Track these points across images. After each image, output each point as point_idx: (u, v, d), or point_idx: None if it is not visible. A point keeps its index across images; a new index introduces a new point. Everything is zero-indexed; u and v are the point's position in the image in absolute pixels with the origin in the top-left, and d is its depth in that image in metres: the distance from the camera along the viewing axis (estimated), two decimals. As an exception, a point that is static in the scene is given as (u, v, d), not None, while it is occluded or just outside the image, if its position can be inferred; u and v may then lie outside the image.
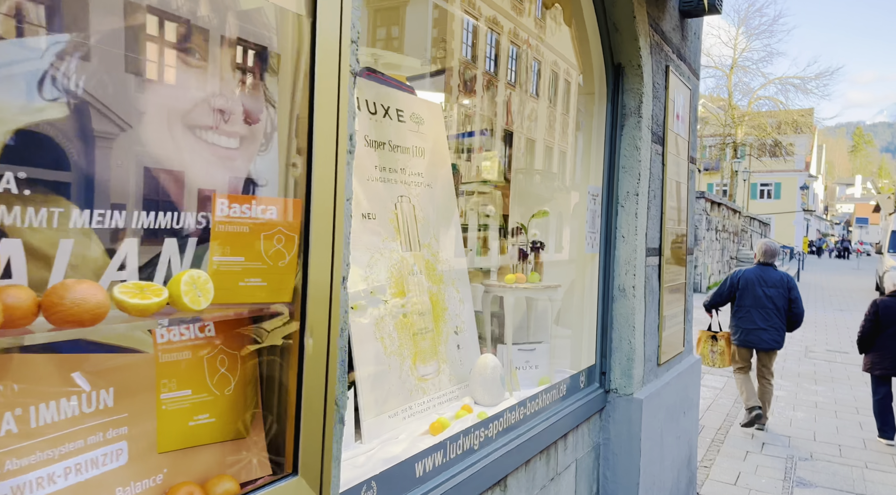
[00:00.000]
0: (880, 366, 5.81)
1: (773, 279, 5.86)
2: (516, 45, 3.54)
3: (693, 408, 4.15)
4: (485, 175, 3.66)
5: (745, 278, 5.91)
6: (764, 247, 6.01)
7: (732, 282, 5.98)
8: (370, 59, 3.64)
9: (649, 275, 3.39)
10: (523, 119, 3.45)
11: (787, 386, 7.61)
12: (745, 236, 29.70)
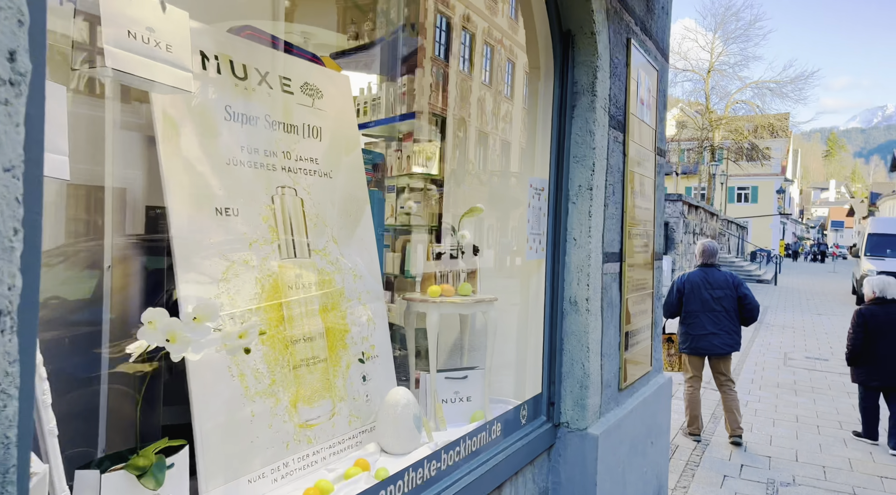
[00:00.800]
0: (877, 378, 5.48)
1: (718, 280, 5.46)
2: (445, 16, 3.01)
3: (663, 435, 3.64)
4: (418, 167, 3.12)
5: (690, 282, 5.50)
6: (703, 248, 5.61)
7: (678, 288, 5.57)
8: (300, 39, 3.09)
9: (607, 285, 2.87)
10: (462, 103, 2.92)
11: (767, 398, 7.17)
12: (723, 239, 29.57)
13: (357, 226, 2.26)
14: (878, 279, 5.71)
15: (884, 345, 5.43)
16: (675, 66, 36.59)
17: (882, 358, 5.44)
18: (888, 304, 5.54)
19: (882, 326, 5.44)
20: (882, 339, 5.44)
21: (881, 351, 5.44)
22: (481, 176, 2.84)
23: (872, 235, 18.53)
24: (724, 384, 5.57)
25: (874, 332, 5.46)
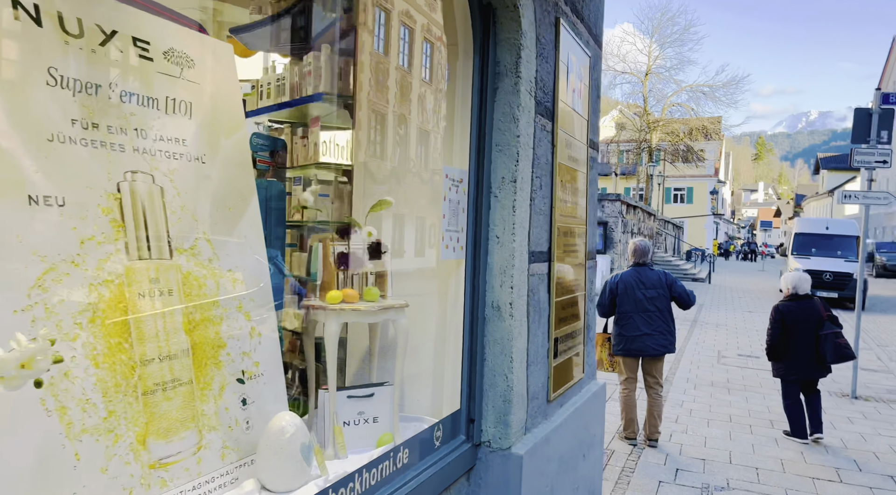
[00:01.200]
0: (795, 372, 5.57)
1: (651, 280, 5.36)
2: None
3: (596, 446, 3.43)
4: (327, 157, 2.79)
5: (624, 282, 5.38)
6: (635, 247, 5.51)
7: (611, 288, 5.44)
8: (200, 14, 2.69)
9: (534, 287, 2.61)
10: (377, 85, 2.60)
11: (702, 398, 7.16)
12: (660, 239, 30.28)
13: (240, 221, 1.92)
14: (792, 276, 5.79)
15: (799, 339, 5.51)
16: (615, 69, 37.32)
17: (798, 352, 5.52)
18: (802, 300, 5.63)
19: (798, 321, 5.52)
20: (798, 334, 5.52)
21: (797, 345, 5.52)
22: (396, 166, 2.53)
23: (798, 235, 19.25)
24: (653, 386, 5.46)
25: (791, 327, 5.53)
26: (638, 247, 5.54)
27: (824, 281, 17.16)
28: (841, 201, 7.65)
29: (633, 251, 5.54)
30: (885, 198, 7.40)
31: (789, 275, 5.82)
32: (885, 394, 7.66)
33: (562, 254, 2.94)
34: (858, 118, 7.38)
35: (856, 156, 7.40)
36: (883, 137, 7.29)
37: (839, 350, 5.42)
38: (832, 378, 8.46)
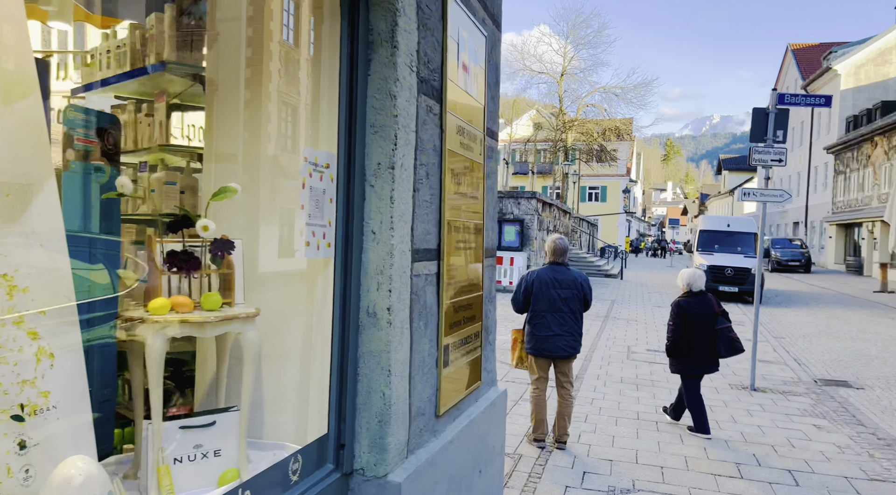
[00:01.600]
0: (695, 367, 5.69)
1: (567, 280, 5.24)
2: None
3: (495, 459, 3.18)
4: (176, 138, 2.37)
5: (540, 280, 5.22)
6: (554, 246, 5.34)
7: (527, 285, 5.26)
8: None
9: (420, 289, 2.31)
10: (230, 53, 2.21)
11: (611, 395, 7.15)
12: (575, 236, 31.00)
13: (24, 213, 1.50)
14: (688, 273, 5.90)
15: (698, 334, 5.64)
16: (531, 69, 37.91)
17: (697, 347, 5.66)
18: (698, 296, 5.78)
19: (696, 317, 5.66)
20: (696, 329, 5.66)
21: (696, 340, 5.66)
22: (257, 149, 2.16)
23: (703, 232, 20.11)
24: (564, 386, 5.33)
25: (691, 323, 5.66)
26: (557, 246, 5.37)
27: (726, 276, 18.01)
28: (741, 199, 7.86)
29: (552, 249, 5.36)
30: (781, 195, 7.65)
31: (686, 271, 5.94)
32: (781, 385, 7.94)
33: (454, 251, 2.65)
34: (756, 118, 7.60)
35: (754, 155, 7.61)
36: (778, 137, 7.54)
37: (732, 344, 5.66)
38: (733, 371, 8.74)
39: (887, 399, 7.50)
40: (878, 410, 6.97)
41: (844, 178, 33.80)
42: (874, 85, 33.80)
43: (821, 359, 9.85)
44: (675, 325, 5.69)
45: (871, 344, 11.42)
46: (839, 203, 34.58)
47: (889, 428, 6.25)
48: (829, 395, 7.50)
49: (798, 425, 6.19)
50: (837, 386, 8.04)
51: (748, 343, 11.03)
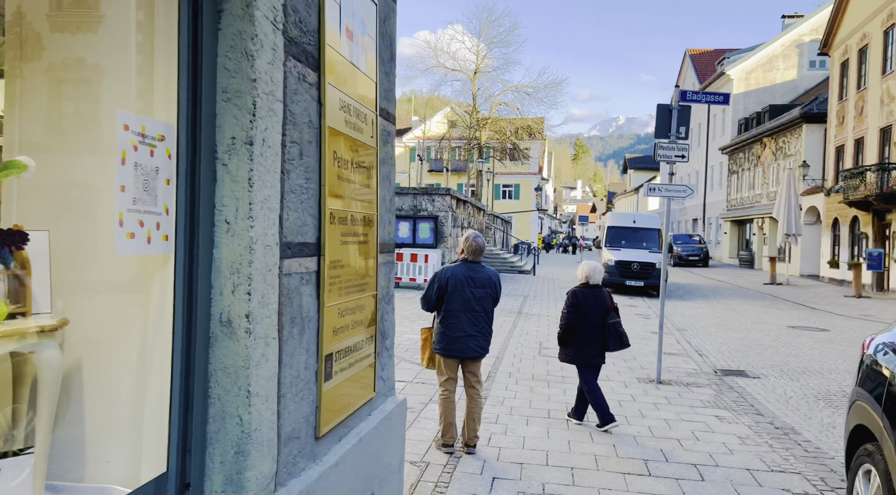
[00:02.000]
0: (584, 357, 5.74)
1: (482, 278, 5.03)
2: None
3: (392, 477, 2.86)
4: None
5: (454, 278, 4.96)
6: (472, 245, 5.07)
7: (440, 283, 4.98)
8: None
9: (293, 290, 1.95)
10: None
11: (523, 393, 7.01)
12: (490, 233, 31.25)
13: None
14: (587, 266, 5.95)
15: (589, 325, 5.70)
16: (445, 66, 37.87)
17: (587, 338, 5.71)
18: (594, 288, 5.85)
19: (590, 308, 5.73)
20: (588, 320, 5.72)
21: (587, 331, 5.73)
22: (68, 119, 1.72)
23: (611, 228, 20.70)
24: (474, 386, 5.10)
25: (584, 313, 5.71)
26: (474, 244, 5.09)
27: (633, 271, 18.61)
28: (647, 194, 7.95)
29: (469, 248, 5.09)
30: (684, 190, 7.80)
31: (585, 264, 6.02)
32: (685, 377, 8.12)
33: (340, 245, 2.31)
34: (660, 114, 7.69)
35: (658, 151, 7.71)
36: (681, 133, 7.67)
37: (621, 338, 5.76)
38: (640, 364, 8.87)
39: (781, 387, 7.82)
40: (773, 399, 7.23)
41: (737, 177, 36.01)
42: (762, 89, 36.21)
43: (720, 350, 10.23)
44: (569, 313, 5.73)
45: (764, 334, 12.04)
46: (733, 200, 36.81)
47: (785, 416, 6.46)
48: (729, 386, 7.72)
49: (702, 417, 6.27)
50: (736, 377, 8.32)
51: (654, 336, 11.36)
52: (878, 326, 13.52)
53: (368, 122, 2.61)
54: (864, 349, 3.62)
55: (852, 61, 23.22)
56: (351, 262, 2.43)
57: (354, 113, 2.44)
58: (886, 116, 20.33)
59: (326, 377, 2.18)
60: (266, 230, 1.77)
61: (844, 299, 18.63)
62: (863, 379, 3.45)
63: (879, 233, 20.95)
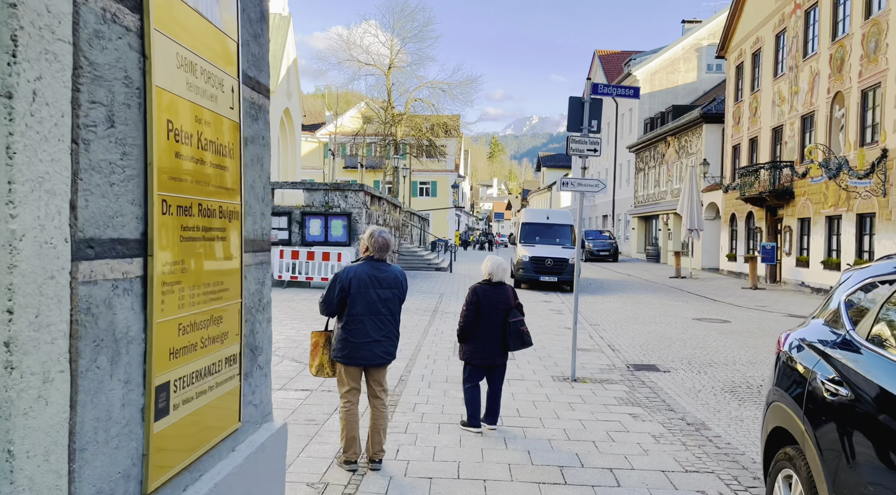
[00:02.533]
0: (481, 357, 5.48)
1: (388, 278, 4.61)
2: None
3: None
4: None
5: (358, 279, 4.51)
6: (377, 241, 4.62)
7: (342, 284, 4.50)
8: None
9: (99, 305, 1.44)
10: None
11: (436, 398, 6.64)
12: (406, 230, 30.83)
13: None
14: (491, 262, 5.66)
15: (490, 323, 5.44)
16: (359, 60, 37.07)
17: (487, 336, 5.45)
18: (497, 285, 5.57)
19: (491, 306, 5.46)
20: (489, 318, 5.44)
21: (487, 329, 5.44)
22: None
23: (525, 225, 20.80)
24: (379, 396, 4.68)
25: (484, 311, 5.46)
26: (379, 241, 4.62)
27: (547, 266, 18.76)
28: (560, 189, 7.78)
29: (375, 245, 4.61)
30: (597, 184, 7.69)
31: (489, 260, 5.72)
32: (599, 374, 8.03)
33: (181, 243, 1.81)
34: (572, 107, 7.54)
35: (571, 145, 7.55)
36: (593, 126, 7.55)
37: (522, 338, 5.50)
38: (555, 362, 8.73)
39: (690, 381, 7.88)
40: (683, 393, 7.24)
41: (644, 175, 37.45)
42: (666, 90, 37.84)
43: (631, 344, 10.32)
44: (468, 310, 5.47)
45: (671, 326, 12.31)
46: (640, 197, 38.26)
47: (695, 411, 6.44)
48: (641, 381, 7.69)
49: (616, 415, 6.14)
50: (648, 371, 8.33)
51: (568, 331, 11.34)
52: (774, 316, 14.23)
53: (226, 90, 2.12)
54: (780, 345, 3.48)
55: (747, 64, 24.54)
56: (201, 264, 1.93)
57: (204, 75, 1.94)
58: (778, 117, 21.59)
59: (160, 413, 1.68)
60: (43, 221, 1.26)
61: (742, 291, 19.60)
62: (780, 377, 3.29)
63: (772, 227, 22.25)
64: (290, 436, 5.16)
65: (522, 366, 8.35)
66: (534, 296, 17.20)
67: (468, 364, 5.55)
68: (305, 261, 16.84)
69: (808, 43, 19.75)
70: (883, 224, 15.13)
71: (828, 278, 17.84)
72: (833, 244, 17.87)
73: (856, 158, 16.37)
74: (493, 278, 5.57)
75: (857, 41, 16.57)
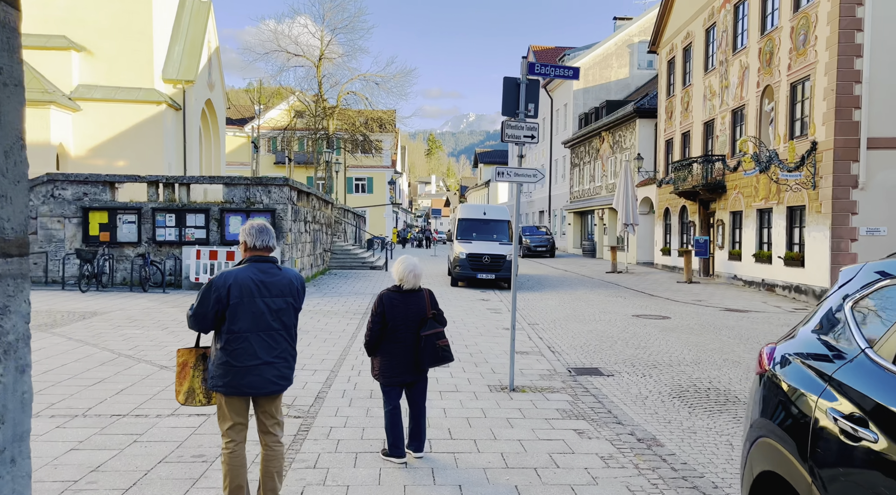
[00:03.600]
0: (390, 375, 4.65)
1: (279, 284, 3.70)
2: None
3: None
4: None
5: (239, 286, 3.58)
6: (251, 229, 3.71)
7: (218, 294, 3.55)
8: None
9: None
10: None
11: (356, 418, 5.78)
12: (340, 228, 29.64)
13: None
14: (403, 265, 4.71)
15: (400, 337, 4.60)
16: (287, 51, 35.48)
17: (397, 351, 4.61)
18: (408, 293, 4.70)
19: (400, 316, 4.60)
20: (399, 331, 4.61)
21: (397, 344, 4.61)
22: None
23: (462, 220, 20.11)
24: (272, 431, 3.77)
25: (393, 322, 4.59)
26: (254, 230, 3.71)
27: (484, 263, 18.14)
28: (496, 179, 7.05)
29: (253, 235, 3.69)
30: (535, 174, 7.00)
31: (401, 263, 4.75)
32: (539, 381, 7.37)
33: None
34: (507, 89, 6.82)
35: (506, 130, 6.83)
36: (530, 110, 6.85)
37: (437, 353, 4.64)
38: (492, 368, 8.02)
39: (635, 385, 7.32)
40: (629, 400, 6.66)
41: (579, 170, 37.55)
42: (600, 86, 38.06)
43: (572, 345, 9.75)
44: (374, 323, 4.60)
45: (611, 325, 11.86)
46: (575, 192, 38.37)
47: (645, 423, 5.84)
48: (584, 388, 7.07)
49: (560, 432, 5.45)
50: (590, 375, 7.74)
51: (506, 332, 10.66)
52: (712, 311, 14.04)
53: None
54: (763, 363, 2.81)
55: (678, 59, 24.70)
56: None
57: None
58: (709, 111, 21.75)
59: None
60: None
61: (678, 285, 19.58)
62: (766, 405, 2.62)
63: (705, 221, 22.44)
64: (167, 481, 4.19)
65: (457, 374, 7.59)
66: (471, 295, 16.53)
67: (383, 386, 4.71)
68: (225, 262, 15.56)
69: (737, 37, 19.90)
70: (813, 216, 15.26)
71: (759, 271, 17.99)
72: (764, 237, 18.04)
73: (786, 151, 16.49)
74: (405, 285, 4.67)
75: (786, 34, 16.69)
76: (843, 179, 14.41)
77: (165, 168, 24.31)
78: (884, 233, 14.31)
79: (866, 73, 14.17)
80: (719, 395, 6.90)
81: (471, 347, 9.35)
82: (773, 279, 17.26)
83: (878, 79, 14.19)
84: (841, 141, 14.38)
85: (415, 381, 4.74)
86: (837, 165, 14.44)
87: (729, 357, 8.98)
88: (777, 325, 12.02)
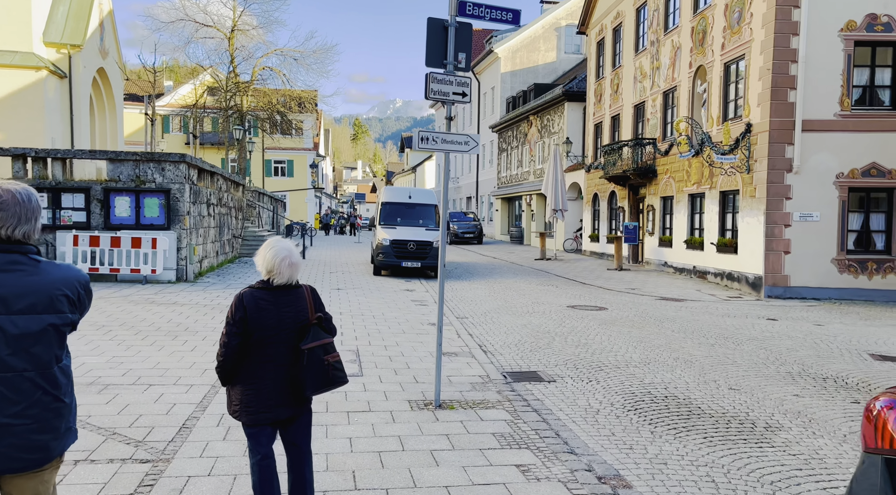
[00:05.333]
0: (255, 409, 3.14)
1: (29, 293, 2.14)
2: None
3: None
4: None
5: None
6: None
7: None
8: None
9: None
10: None
11: (227, 460, 4.31)
12: (253, 212, 27.44)
13: None
14: (273, 249, 3.19)
15: (268, 354, 3.14)
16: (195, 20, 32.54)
17: (266, 374, 3.14)
18: (281, 291, 3.20)
19: (269, 324, 3.13)
20: (269, 345, 3.14)
21: (265, 362, 3.14)
22: None
23: (385, 204, 18.62)
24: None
25: (259, 333, 3.11)
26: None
27: (409, 251, 16.76)
28: (419, 146, 5.66)
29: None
30: (466, 140, 5.67)
31: (269, 248, 3.21)
32: (471, 392, 6.10)
33: None
34: (432, 32, 5.45)
35: (432, 85, 5.46)
36: (461, 61, 5.52)
37: (326, 372, 3.17)
38: (414, 376, 6.68)
39: (583, 395, 6.19)
40: (579, 417, 5.50)
41: (507, 155, 36.73)
42: (527, 69, 37.28)
43: (505, 343, 8.56)
44: (230, 334, 3.09)
45: (547, 318, 10.79)
46: (503, 178, 37.56)
47: (603, 450, 4.67)
48: (524, 400, 5.87)
49: (499, 472, 4.19)
50: (529, 382, 6.56)
51: (432, 328, 9.34)
52: (648, 300, 13.25)
53: None
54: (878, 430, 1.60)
55: (608, 40, 24.06)
56: None
57: None
58: (640, 93, 21.17)
59: None
60: None
61: (609, 272, 18.94)
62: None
63: (634, 207, 21.96)
64: None
65: (371, 385, 6.21)
66: (395, 285, 15.14)
67: (245, 426, 3.20)
68: (109, 249, 13.46)
69: (669, 16, 19.31)
70: (746, 201, 14.81)
71: (691, 258, 17.55)
72: (696, 223, 17.60)
73: (720, 134, 15.99)
74: (276, 279, 3.19)
75: (719, 12, 16.13)
76: (778, 163, 13.97)
77: (48, 143, 21.40)
78: (817, 219, 14.00)
79: (802, 51, 13.72)
80: (680, 406, 5.87)
81: (391, 349, 7.98)
82: (704, 266, 16.83)
83: (814, 58, 13.77)
84: (776, 123, 13.91)
85: (294, 416, 3.25)
86: (772, 148, 13.97)
87: (679, 355, 8.04)
88: (717, 315, 11.34)
